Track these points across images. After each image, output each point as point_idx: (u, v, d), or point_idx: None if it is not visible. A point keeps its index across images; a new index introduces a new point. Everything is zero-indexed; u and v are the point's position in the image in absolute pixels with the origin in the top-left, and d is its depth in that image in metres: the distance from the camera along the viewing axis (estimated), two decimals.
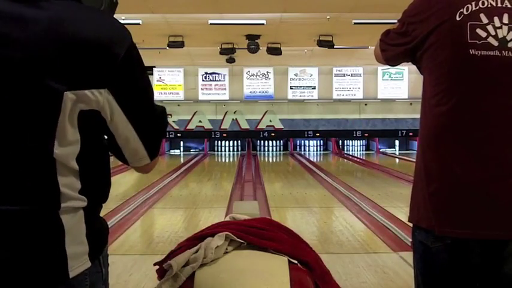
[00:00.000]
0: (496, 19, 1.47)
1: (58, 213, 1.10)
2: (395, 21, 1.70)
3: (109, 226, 1.29)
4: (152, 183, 9.24)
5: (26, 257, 1.07)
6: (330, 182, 9.62)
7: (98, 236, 1.21)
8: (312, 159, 15.47)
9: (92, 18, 1.12)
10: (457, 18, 1.48)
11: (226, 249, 1.75)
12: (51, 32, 1.04)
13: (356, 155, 16.94)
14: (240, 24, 10.28)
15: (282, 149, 17.94)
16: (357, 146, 18.19)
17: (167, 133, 17.20)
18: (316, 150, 18.23)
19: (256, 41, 11.67)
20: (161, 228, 5.92)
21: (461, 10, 1.49)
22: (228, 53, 12.80)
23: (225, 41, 12.25)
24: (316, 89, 17.43)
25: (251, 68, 17.12)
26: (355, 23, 9.88)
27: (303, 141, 18.24)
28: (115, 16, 1.26)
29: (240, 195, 8.17)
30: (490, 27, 1.47)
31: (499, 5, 1.49)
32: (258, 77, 17.46)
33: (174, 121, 17.47)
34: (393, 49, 1.70)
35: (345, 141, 18.04)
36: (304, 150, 18.13)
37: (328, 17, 9.70)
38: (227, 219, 2.07)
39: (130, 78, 1.14)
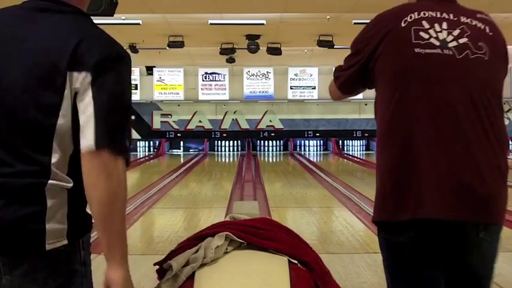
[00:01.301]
0: (436, 25, 1.64)
1: (44, 190, 1.24)
2: None
3: None
4: (152, 183, 9.24)
5: (10, 224, 1.22)
6: (330, 182, 9.62)
7: (79, 221, 1.33)
8: (312, 159, 15.48)
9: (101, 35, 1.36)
10: (402, 25, 1.64)
11: (226, 249, 1.75)
12: (77, 35, 1.31)
13: (356, 155, 16.94)
14: (240, 24, 10.28)
15: (282, 149, 17.95)
16: (357, 146, 18.21)
17: (167, 133, 17.51)
18: (316, 150, 18.24)
19: (256, 41, 11.67)
20: (161, 228, 5.92)
21: (406, 18, 1.64)
22: (228, 53, 12.80)
23: (225, 41, 12.25)
24: (316, 89, 17.43)
25: (251, 68, 17.12)
26: (355, 23, 9.85)
27: (303, 141, 18.25)
28: (115, 16, 1.28)
29: (240, 195, 8.17)
30: (431, 31, 1.63)
31: (439, 15, 1.66)
32: (258, 77, 17.46)
33: (174, 121, 17.49)
34: (346, 72, 1.81)
35: (345, 141, 18.06)
36: (304, 150, 18.14)
37: (328, 17, 9.70)
38: (227, 219, 2.07)
39: (110, 74, 1.29)
